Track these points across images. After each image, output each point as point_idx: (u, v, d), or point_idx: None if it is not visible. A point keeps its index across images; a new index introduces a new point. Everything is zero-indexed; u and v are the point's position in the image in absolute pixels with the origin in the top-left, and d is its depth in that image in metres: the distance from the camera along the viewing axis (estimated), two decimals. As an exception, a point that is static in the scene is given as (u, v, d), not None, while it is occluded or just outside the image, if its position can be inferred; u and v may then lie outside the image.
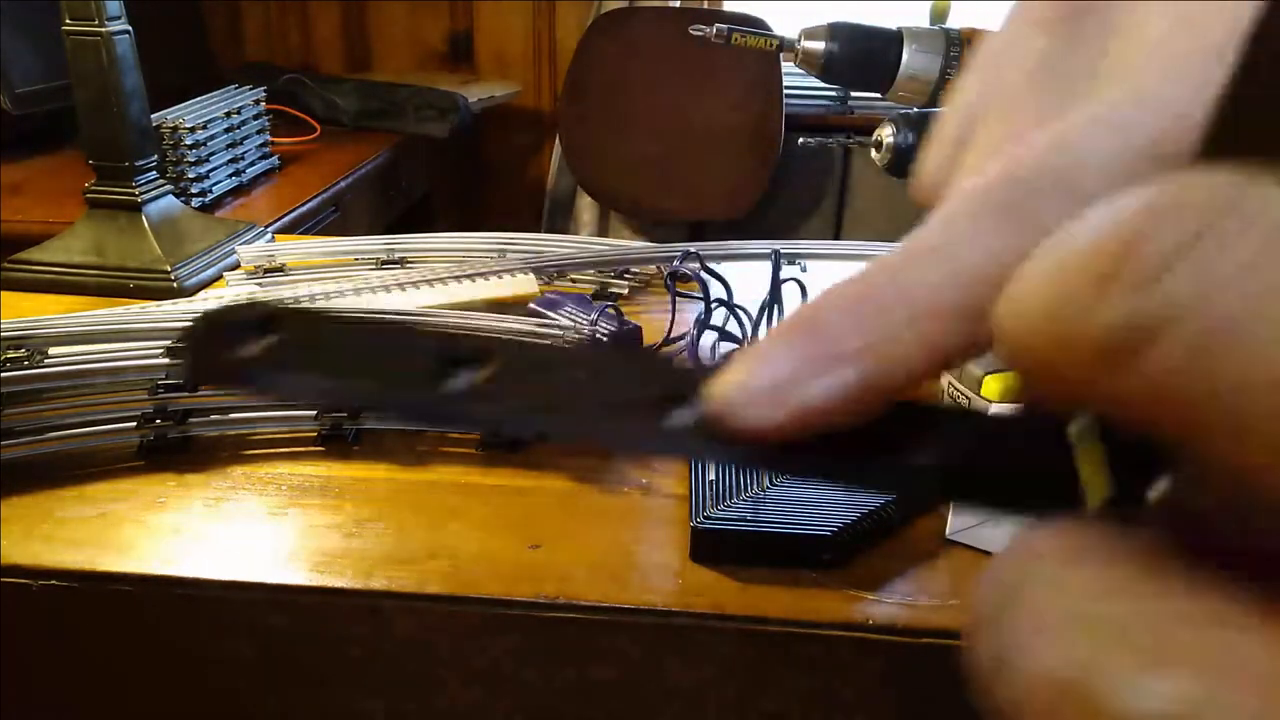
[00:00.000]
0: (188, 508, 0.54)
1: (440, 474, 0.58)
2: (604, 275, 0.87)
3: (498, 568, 0.49)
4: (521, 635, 0.48)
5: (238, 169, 1.34)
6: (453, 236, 0.89)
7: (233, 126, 1.31)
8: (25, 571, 0.49)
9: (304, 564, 0.49)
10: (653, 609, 0.47)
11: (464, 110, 1.84)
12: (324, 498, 0.55)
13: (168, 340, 0.60)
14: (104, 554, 0.50)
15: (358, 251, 0.86)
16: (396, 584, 0.48)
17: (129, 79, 0.82)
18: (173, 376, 0.60)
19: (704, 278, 0.76)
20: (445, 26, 2.17)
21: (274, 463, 0.59)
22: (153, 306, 0.71)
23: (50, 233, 0.87)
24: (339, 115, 1.81)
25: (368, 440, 0.61)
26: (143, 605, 0.49)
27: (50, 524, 0.52)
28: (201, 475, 0.57)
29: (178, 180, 1.21)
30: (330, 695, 0.51)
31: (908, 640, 0.46)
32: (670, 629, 0.47)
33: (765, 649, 0.47)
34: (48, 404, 0.58)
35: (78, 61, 0.81)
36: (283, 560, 0.50)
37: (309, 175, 1.52)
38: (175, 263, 0.83)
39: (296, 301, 0.74)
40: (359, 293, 0.77)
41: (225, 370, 0.15)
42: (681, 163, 1.96)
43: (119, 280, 0.83)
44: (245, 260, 0.84)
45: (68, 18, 0.80)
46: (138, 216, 0.85)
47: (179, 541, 0.51)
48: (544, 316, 0.70)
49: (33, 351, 0.58)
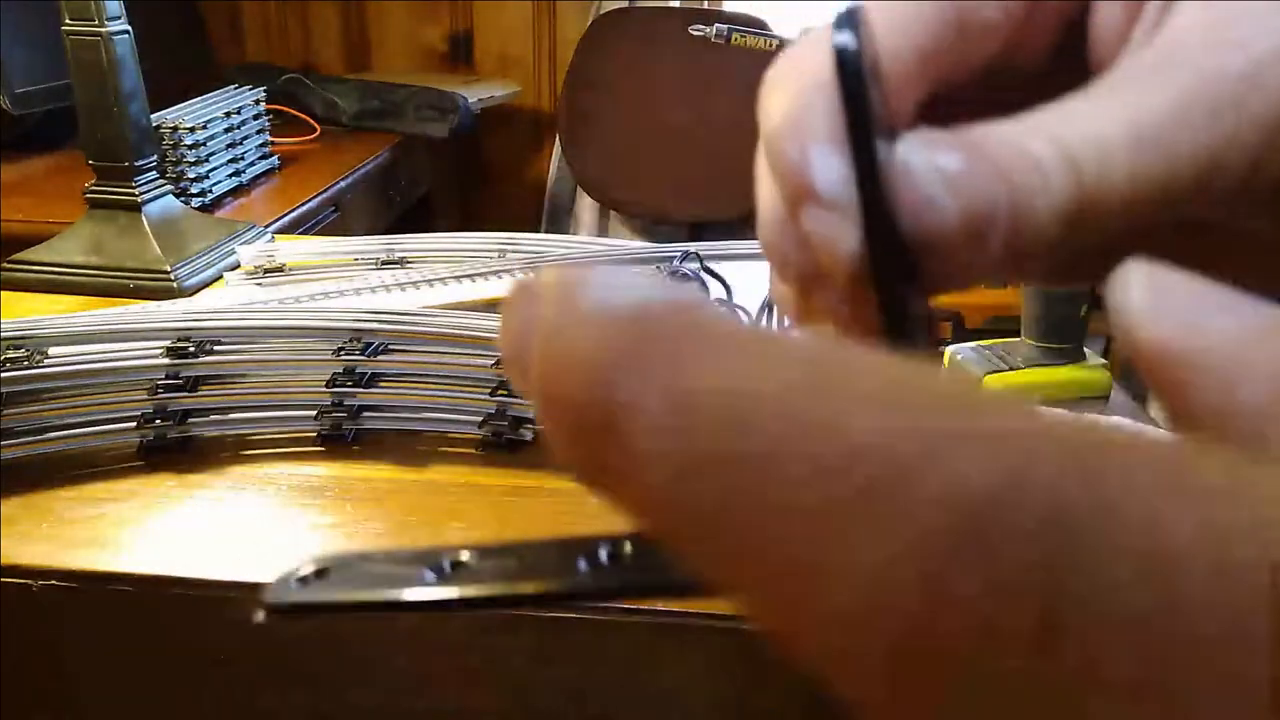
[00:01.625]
0: (188, 508, 0.54)
1: (440, 474, 0.58)
2: (604, 275, 0.86)
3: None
4: (521, 635, 0.48)
5: (237, 169, 1.34)
6: (453, 236, 0.89)
7: (233, 126, 1.31)
8: (25, 571, 0.49)
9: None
10: (652, 609, 0.47)
11: (464, 110, 1.84)
12: (324, 498, 0.55)
13: (168, 340, 0.60)
14: (104, 554, 0.50)
15: (358, 251, 0.86)
16: (396, 584, 0.48)
17: (129, 79, 0.82)
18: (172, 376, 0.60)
19: (704, 278, 0.76)
20: (445, 26, 2.17)
21: (274, 463, 0.59)
22: (153, 306, 0.71)
23: (50, 233, 0.87)
24: (339, 115, 1.81)
25: (368, 440, 0.61)
26: (143, 605, 0.49)
27: (50, 524, 0.52)
28: (201, 475, 0.57)
29: (178, 180, 1.21)
30: (330, 695, 0.51)
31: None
32: (670, 629, 0.47)
33: (764, 648, 0.47)
34: (48, 404, 0.58)
35: (78, 61, 0.81)
36: (283, 560, 0.50)
37: (309, 175, 1.52)
38: (175, 263, 0.83)
39: (297, 301, 0.75)
40: (359, 293, 0.77)
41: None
42: (682, 162, 1.96)
43: (119, 280, 0.83)
44: (245, 260, 0.84)
45: (68, 18, 0.80)
46: (138, 216, 0.85)
47: (179, 541, 0.51)
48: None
49: (33, 351, 0.58)
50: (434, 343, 0.61)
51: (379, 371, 0.61)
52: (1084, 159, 0.15)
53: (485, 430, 0.60)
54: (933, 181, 0.15)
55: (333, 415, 0.60)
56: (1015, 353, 0.67)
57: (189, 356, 0.60)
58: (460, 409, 0.60)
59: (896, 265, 0.16)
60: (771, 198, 0.19)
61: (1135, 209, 0.16)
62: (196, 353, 0.60)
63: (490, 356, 0.59)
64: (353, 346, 0.60)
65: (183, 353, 0.60)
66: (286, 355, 0.61)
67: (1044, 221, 0.15)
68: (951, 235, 0.15)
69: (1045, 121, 0.16)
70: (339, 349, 0.60)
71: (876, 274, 0.16)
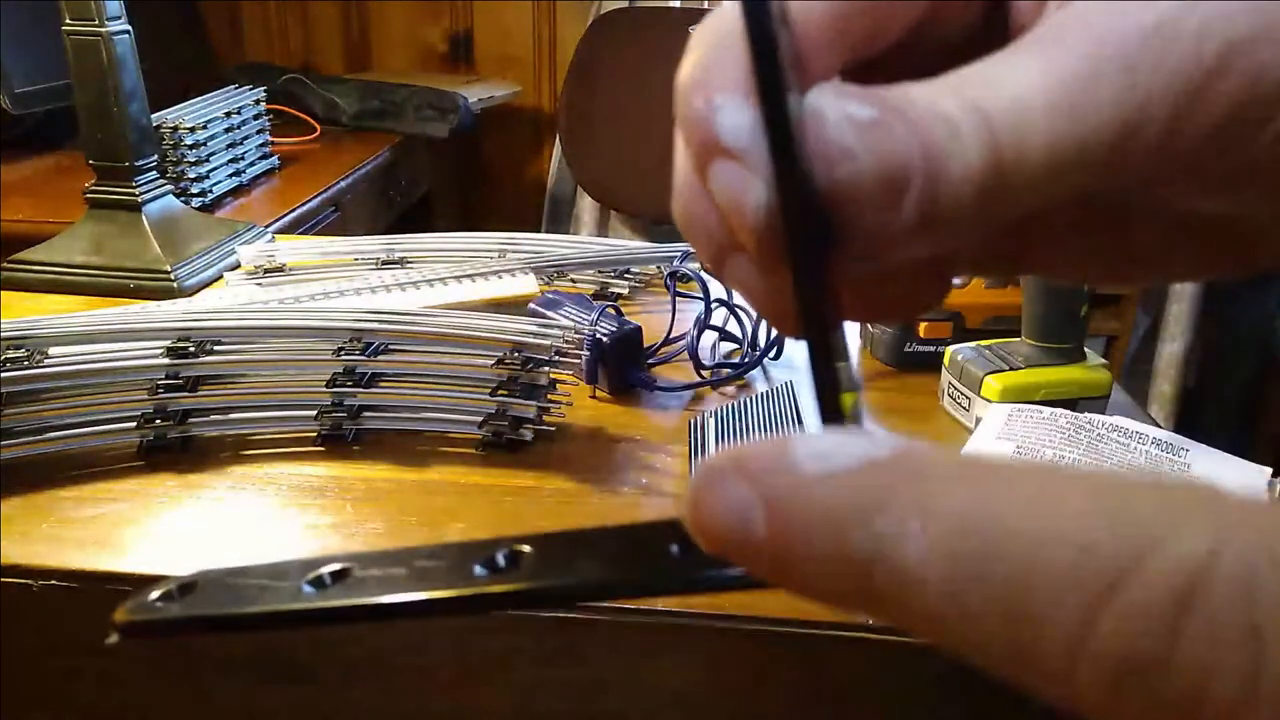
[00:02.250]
0: (188, 508, 0.54)
1: (440, 474, 0.58)
2: (604, 275, 0.87)
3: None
4: (521, 635, 0.48)
5: (238, 169, 1.34)
6: (453, 236, 0.89)
7: (233, 126, 1.31)
8: (25, 571, 0.49)
9: (304, 564, 0.49)
10: (652, 609, 0.47)
11: (464, 110, 1.84)
12: (324, 498, 0.55)
13: (168, 340, 0.60)
14: (104, 554, 0.50)
15: (358, 251, 0.86)
16: (396, 584, 0.48)
17: (129, 79, 0.82)
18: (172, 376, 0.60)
19: (704, 278, 0.76)
20: (445, 26, 2.17)
21: (274, 463, 0.59)
22: (153, 306, 0.71)
23: (50, 233, 0.87)
24: (339, 115, 1.81)
25: (368, 440, 0.61)
26: (143, 605, 0.49)
27: (50, 524, 0.52)
28: (201, 475, 0.57)
29: (178, 180, 1.21)
30: (330, 695, 0.51)
31: (906, 639, 0.46)
32: (670, 629, 0.47)
33: (764, 649, 0.47)
34: (48, 404, 0.58)
35: (78, 61, 0.81)
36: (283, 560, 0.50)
37: (309, 175, 1.51)
38: (175, 263, 0.84)
39: (297, 300, 0.74)
40: (359, 293, 0.77)
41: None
42: (681, 163, 1.95)
43: (119, 280, 0.83)
44: (245, 260, 0.84)
45: (68, 18, 0.80)
46: (138, 216, 0.85)
47: (179, 541, 0.51)
48: (544, 316, 0.70)
49: (33, 351, 0.58)
50: (434, 343, 0.61)
51: (379, 371, 0.61)
52: (999, 120, 0.15)
53: (485, 430, 0.60)
54: (845, 131, 0.15)
55: (333, 415, 0.60)
56: (1015, 353, 0.67)
57: (189, 356, 0.60)
58: (460, 409, 0.60)
59: (807, 224, 0.15)
60: (683, 162, 0.18)
61: (1053, 175, 0.15)
62: (196, 353, 0.60)
63: (490, 356, 0.59)
64: (353, 346, 0.60)
65: (183, 353, 0.60)
66: (286, 355, 0.61)
67: (958, 183, 0.15)
68: (864, 188, 0.15)
69: (959, 82, 0.16)
70: (339, 349, 0.60)
71: (789, 231, 0.15)
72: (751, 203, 0.15)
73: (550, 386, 0.61)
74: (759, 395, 0.65)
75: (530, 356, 0.59)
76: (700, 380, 0.70)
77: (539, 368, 0.59)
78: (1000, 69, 0.16)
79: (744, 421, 0.62)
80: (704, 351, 0.71)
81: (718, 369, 0.71)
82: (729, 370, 0.72)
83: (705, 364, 0.71)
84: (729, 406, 0.64)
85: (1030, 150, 0.15)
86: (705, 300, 0.72)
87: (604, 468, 0.59)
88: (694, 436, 0.62)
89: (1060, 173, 0.16)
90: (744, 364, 0.72)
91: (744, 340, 0.75)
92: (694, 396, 0.69)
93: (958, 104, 0.15)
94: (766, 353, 0.73)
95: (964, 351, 0.68)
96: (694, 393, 0.69)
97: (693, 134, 0.16)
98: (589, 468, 0.59)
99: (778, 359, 0.75)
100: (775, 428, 0.60)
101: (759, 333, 0.74)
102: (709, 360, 0.72)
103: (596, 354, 0.67)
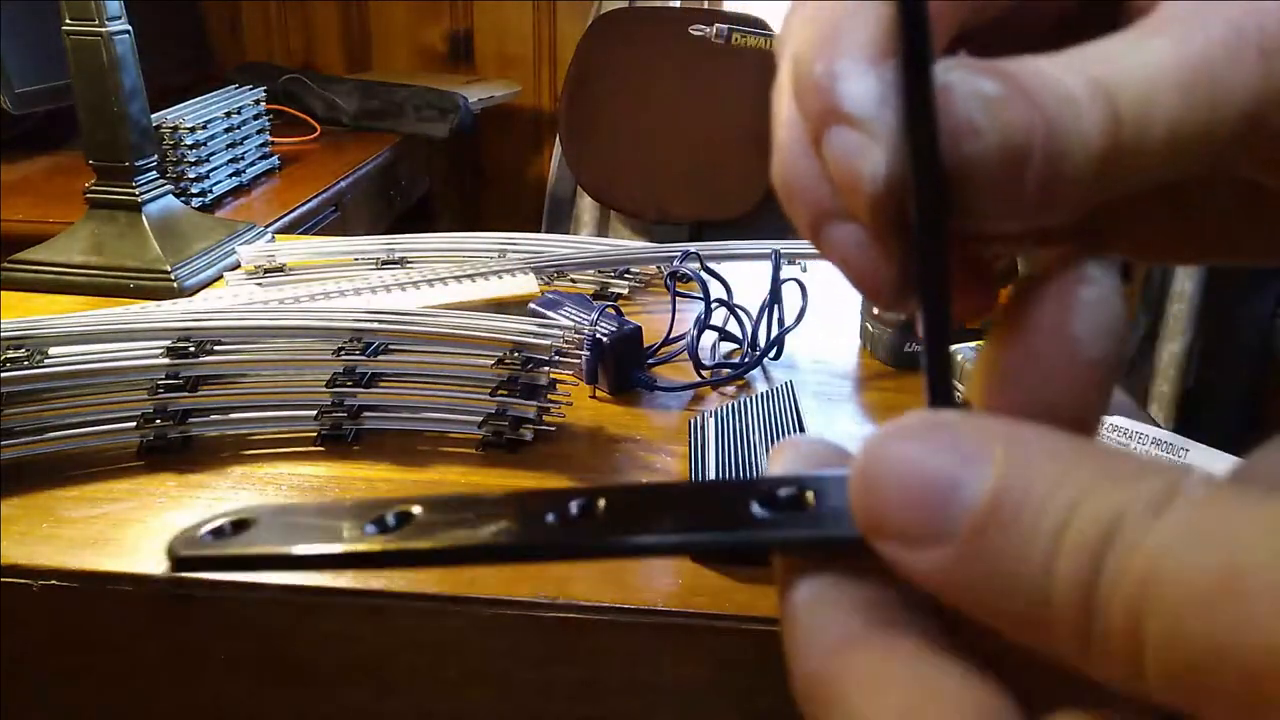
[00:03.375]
0: (188, 508, 0.54)
1: (440, 474, 0.58)
2: (604, 275, 0.87)
3: (498, 568, 0.49)
4: (521, 635, 0.48)
5: (238, 169, 1.34)
6: (453, 236, 0.89)
7: (233, 126, 1.31)
8: (25, 571, 0.49)
9: (304, 564, 0.49)
10: (653, 609, 0.47)
11: (464, 110, 1.84)
12: (324, 497, 0.55)
13: (168, 340, 0.60)
14: (104, 554, 0.50)
15: (358, 251, 0.86)
16: (396, 584, 0.48)
17: (129, 79, 0.82)
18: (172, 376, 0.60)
19: (704, 278, 0.76)
20: (445, 26, 2.17)
21: (274, 463, 0.59)
22: (153, 306, 0.71)
23: (50, 233, 0.87)
24: (339, 115, 1.81)
25: (368, 440, 0.61)
26: (143, 605, 0.49)
27: (50, 524, 0.52)
28: (201, 475, 0.57)
29: (178, 180, 1.21)
30: (330, 695, 0.51)
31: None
32: (670, 629, 0.47)
33: (765, 648, 0.47)
34: (48, 404, 0.58)
35: (78, 61, 0.81)
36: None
37: (309, 175, 1.52)
38: (175, 263, 0.84)
39: (299, 300, 0.74)
40: (359, 293, 0.77)
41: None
42: (681, 163, 1.96)
43: (119, 280, 0.83)
44: (245, 260, 0.84)
45: (68, 18, 0.80)
46: (138, 216, 0.85)
47: (179, 541, 0.51)
48: (544, 316, 0.70)
49: (33, 351, 0.58)
50: (434, 343, 0.61)
51: (379, 371, 0.61)
52: (1124, 99, 0.15)
53: (485, 430, 0.60)
54: (974, 106, 0.15)
55: (333, 415, 0.60)
56: (1015, 353, 0.67)
57: (189, 356, 0.60)
58: (460, 409, 0.60)
59: (933, 195, 0.15)
60: (791, 126, 0.18)
61: (1172, 156, 0.15)
62: (196, 353, 0.60)
63: (490, 356, 0.59)
64: (353, 346, 0.60)
65: (183, 353, 0.60)
66: (286, 355, 0.61)
67: (1079, 160, 0.15)
68: (989, 164, 0.15)
69: (1081, 59, 0.15)
70: (339, 349, 0.60)
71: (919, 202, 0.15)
72: (869, 170, 0.15)
73: (550, 386, 0.61)
74: (759, 395, 0.65)
75: (530, 356, 0.59)
76: (700, 380, 0.70)
77: (539, 368, 0.59)
78: (1126, 47, 0.16)
79: (744, 421, 0.62)
80: (704, 351, 0.71)
81: (718, 369, 0.71)
82: (729, 370, 0.72)
83: (705, 364, 0.71)
84: (729, 406, 0.64)
85: (1153, 130, 0.15)
86: (705, 300, 0.72)
87: (604, 468, 0.59)
88: (694, 436, 0.62)
89: (1180, 154, 0.15)
90: (744, 364, 0.72)
91: (744, 340, 0.75)
92: (694, 396, 0.69)
93: (1082, 82, 0.15)
94: (766, 353, 0.73)
95: (964, 351, 0.68)
96: (694, 393, 0.69)
97: (812, 100, 0.16)
98: (589, 468, 0.59)
99: (778, 359, 0.75)
100: (775, 428, 0.60)
101: (759, 333, 0.74)
102: (709, 360, 0.72)
103: (596, 354, 0.67)
